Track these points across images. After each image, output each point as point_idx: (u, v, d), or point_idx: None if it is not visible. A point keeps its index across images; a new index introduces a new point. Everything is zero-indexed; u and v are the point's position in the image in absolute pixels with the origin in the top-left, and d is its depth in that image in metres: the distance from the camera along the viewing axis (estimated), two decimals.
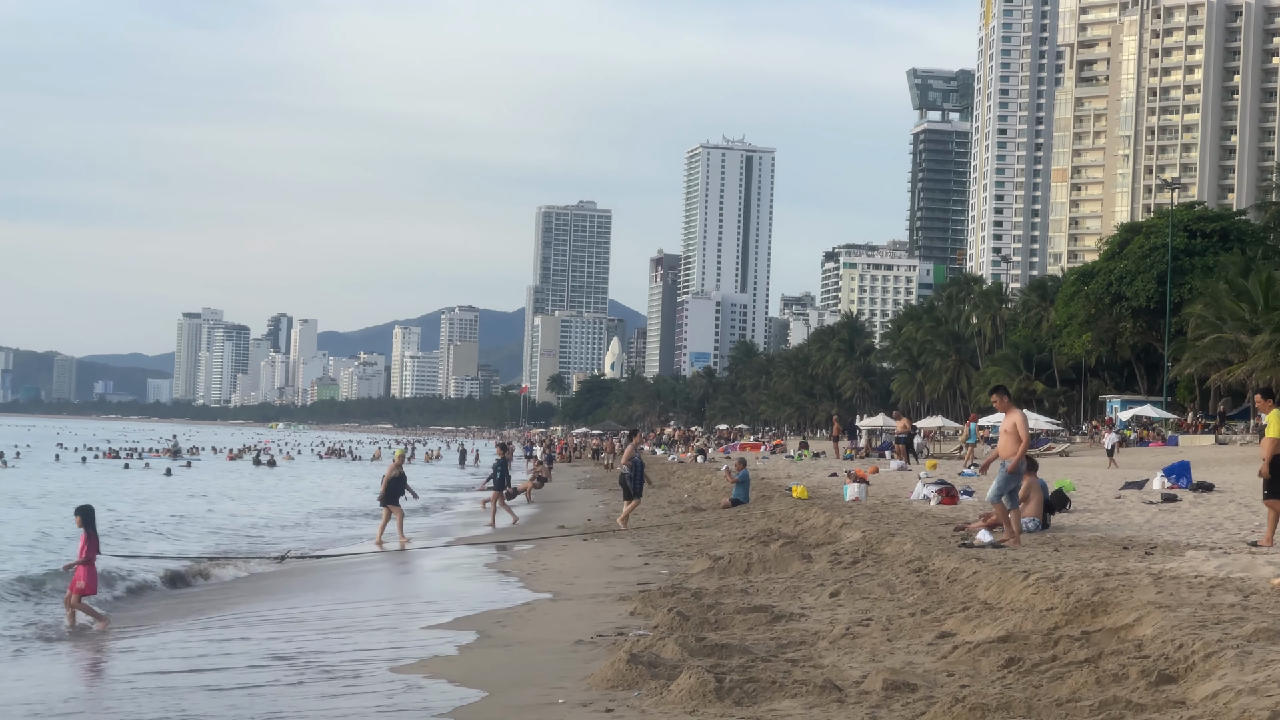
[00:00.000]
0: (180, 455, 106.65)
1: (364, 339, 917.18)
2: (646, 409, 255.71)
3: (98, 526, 21.05)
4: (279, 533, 39.17)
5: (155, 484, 67.90)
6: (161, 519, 43.42)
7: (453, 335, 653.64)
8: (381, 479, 34.13)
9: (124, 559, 27.87)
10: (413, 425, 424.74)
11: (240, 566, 29.30)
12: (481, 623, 17.29)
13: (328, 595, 23.46)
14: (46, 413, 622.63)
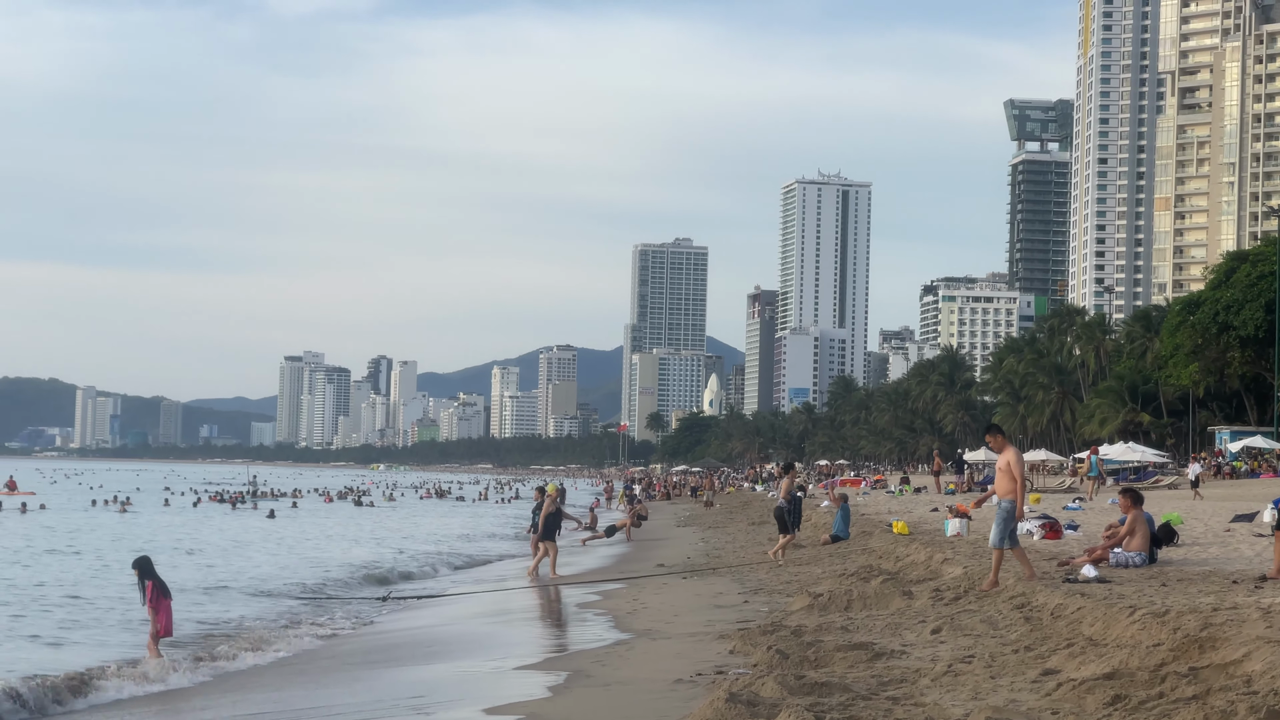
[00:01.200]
0: (255, 497, 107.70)
1: (463, 380, 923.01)
2: (746, 446, 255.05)
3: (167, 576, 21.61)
4: (381, 570, 39.39)
5: (260, 526, 68.59)
6: (268, 560, 43.91)
7: (551, 375, 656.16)
8: (539, 514, 34.14)
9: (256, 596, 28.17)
10: (513, 465, 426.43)
11: (341, 606, 29.51)
12: (580, 662, 17.24)
13: (422, 635, 23.54)
14: (154, 457, 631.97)
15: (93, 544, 52.39)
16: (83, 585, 34.03)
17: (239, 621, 26.59)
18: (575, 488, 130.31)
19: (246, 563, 43.06)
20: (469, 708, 14.31)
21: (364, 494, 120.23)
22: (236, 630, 25.04)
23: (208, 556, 45.95)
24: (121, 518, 76.07)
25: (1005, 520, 19.73)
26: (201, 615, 27.33)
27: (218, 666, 20.83)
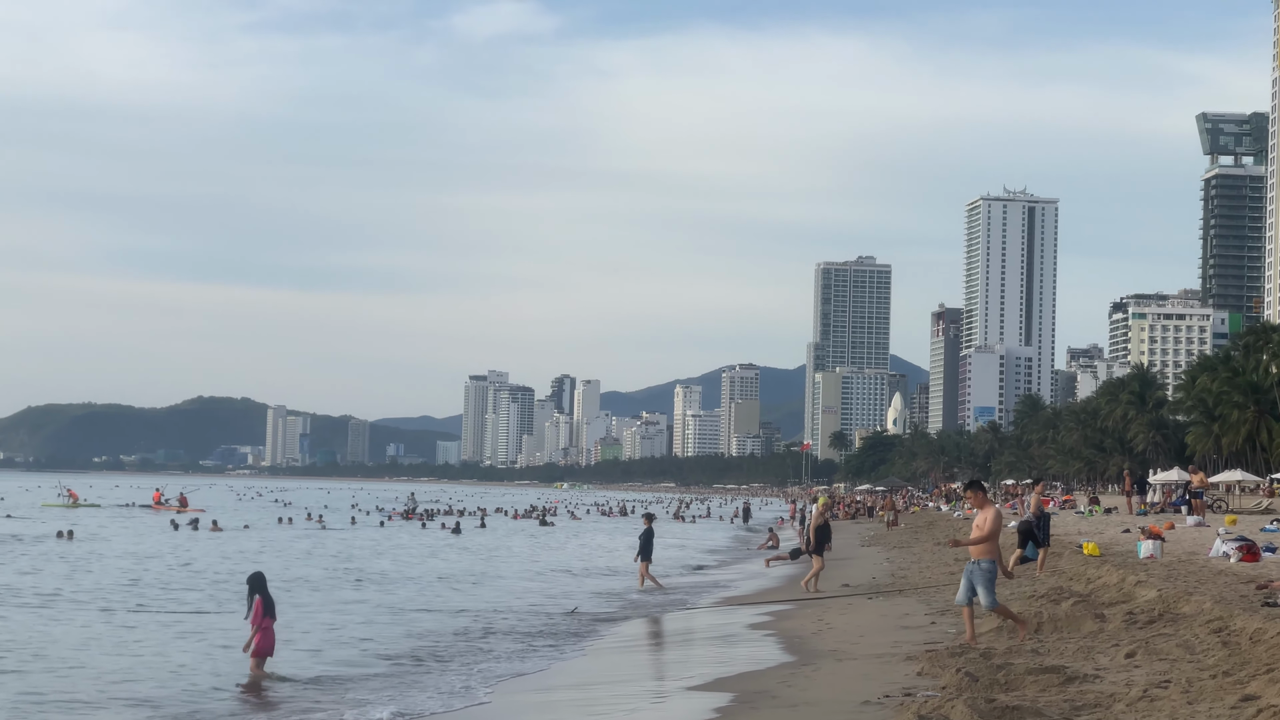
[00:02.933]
0: (418, 515, 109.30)
1: (646, 398, 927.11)
2: (930, 465, 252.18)
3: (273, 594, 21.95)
4: (567, 586, 39.73)
5: (445, 542, 69.57)
6: (460, 574, 44.60)
7: (734, 393, 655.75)
8: (808, 528, 34.39)
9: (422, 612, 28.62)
10: (695, 484, 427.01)
11: (526, 620, 29.86)
12: (765, 682, 17.22)
13: (605, 653, 23.68)
14: (342, 475, 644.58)
15: (289, 559, 53.63)
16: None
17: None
18: (762, 508, 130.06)
19: (498, 580, 43.75)
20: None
21: (550, 512, 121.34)
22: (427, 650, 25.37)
23: (438, 578, 46.68)
24: (321, 533, 77.72)
25: (988, 579, 19.10)
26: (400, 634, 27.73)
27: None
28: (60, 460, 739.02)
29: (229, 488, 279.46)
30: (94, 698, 19.96)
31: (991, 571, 19.08)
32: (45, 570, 45.45)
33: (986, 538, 19.07)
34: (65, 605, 33.54)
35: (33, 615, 31.15)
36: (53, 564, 48.55)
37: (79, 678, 21.84)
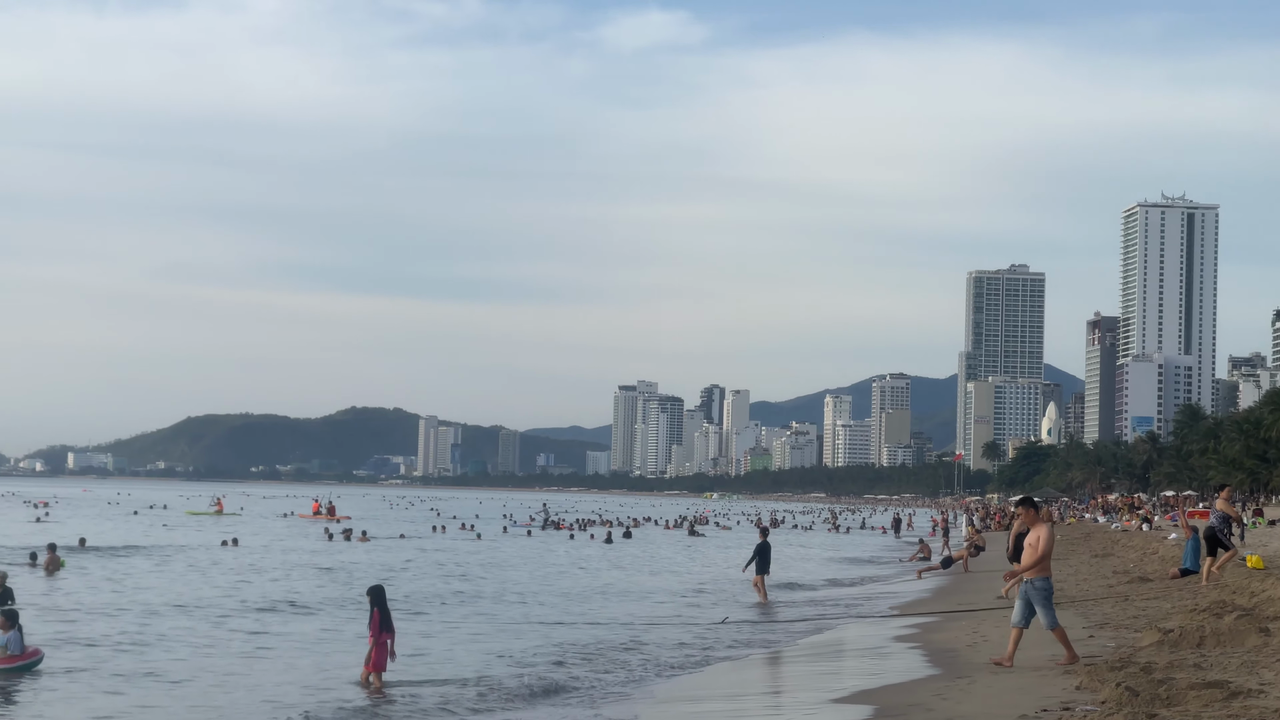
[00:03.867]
0: (548, 524, 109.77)
1: (795, 408, 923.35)
2: (1086, 475, 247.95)
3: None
4: (716, 597, 39.68)
5: (594, 552, 69.91)
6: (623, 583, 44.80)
7: (884, 403, 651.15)
8: (1009, 535, 34.14)
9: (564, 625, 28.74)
10: (846, 494, 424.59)
11: (675, 630, 29.84)
12: (920, 695, 17.01)
13: (754, 664, 23.58)
14: (492, 485, 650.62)
15: (437, 568, 54.25)
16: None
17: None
18: (911, 519, 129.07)
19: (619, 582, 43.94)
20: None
21: (700, 522, 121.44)
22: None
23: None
24: (474, 542, 78.58)
25: (1044, 597, 18.92)
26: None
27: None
28: (219, 470, 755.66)
29: (382, 497, 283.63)
30: (230, 703, 20.31)
31: (1047, 590, 19.01)
32: (209, 578, 46.46)
33: (1042, 557, 18.96)
34: (216, 611, 34.23)
35: (187, 621, 31.85)
36: (220, 572, 49.63)
37: (234, 686, 22.27)
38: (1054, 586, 19.32)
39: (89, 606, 34.85)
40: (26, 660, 22.99)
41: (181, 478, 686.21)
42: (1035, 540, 19.14)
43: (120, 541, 70.03)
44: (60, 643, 26.14)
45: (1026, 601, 19.01)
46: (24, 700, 20.33)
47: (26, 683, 21.78)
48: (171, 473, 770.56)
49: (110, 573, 47.72)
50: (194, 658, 25.04)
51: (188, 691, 21.29)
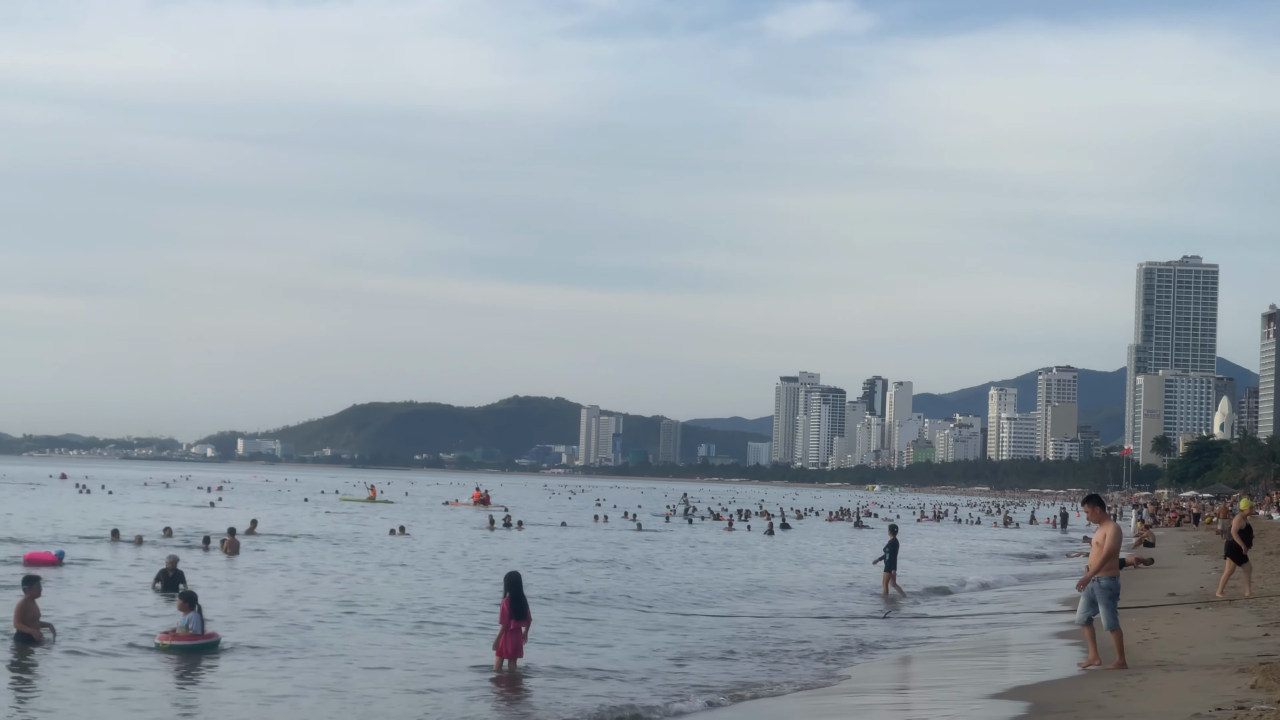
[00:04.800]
0: (689, 514, 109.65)
1: (959, 401, 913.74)
2: (1260, 472, 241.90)
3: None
4: (880, 589, 39.49)
5: (755, 542, 69.85)
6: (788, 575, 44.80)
7: (1050, 396, 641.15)
8: (1229, 531, 33.96)
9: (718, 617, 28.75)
10: (1010, 488, 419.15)
11: (839, 623, 29.75)
12: (1090, 692, 16.77)
13: (920, 658, 23.40)
14: (653, 475, 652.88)
15: (593, 556, 54.61)
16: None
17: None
18: (1076, 513, 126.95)
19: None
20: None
21: (865, 514, 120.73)
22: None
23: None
24: (633, 532, 78.94)
25: (1108, 597, 18.76)
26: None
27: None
28: (383, 457, 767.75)
29: (544, 485, 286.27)
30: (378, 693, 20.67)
31: (1112, 589, 18.82)
32: (375, 563, 47.31)
33: (1109, 555, 18.76)
34: (381, 597, 34.84)
35: (353, 606, 32.47)
36: (386, 558, 50.48)
37: (390, 670, 22.67)
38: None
39: (263, 590, 35.67)
40: (206, 640, 23.68)
41: (347, 465, 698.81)
42: (1102, 539, 19.01)
43: (291, 527, 71.56)
44: (236, 624, 26.79)
45: (1091, 599, 18.97)
46: (203, 681, 20.89)
47: (205, 663, 22.41)
48: (337, 459, 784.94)
49: (282, 557, 48.79)
50: (356, 643, 25.50)
51: (347, 675, 21.71)
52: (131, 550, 49.16)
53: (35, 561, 40.69)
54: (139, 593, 33.65)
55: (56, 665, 21.67)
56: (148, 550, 49.01)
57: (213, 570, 41.21)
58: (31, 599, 23.71)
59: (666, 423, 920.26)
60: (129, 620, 27.73)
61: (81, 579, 36.07)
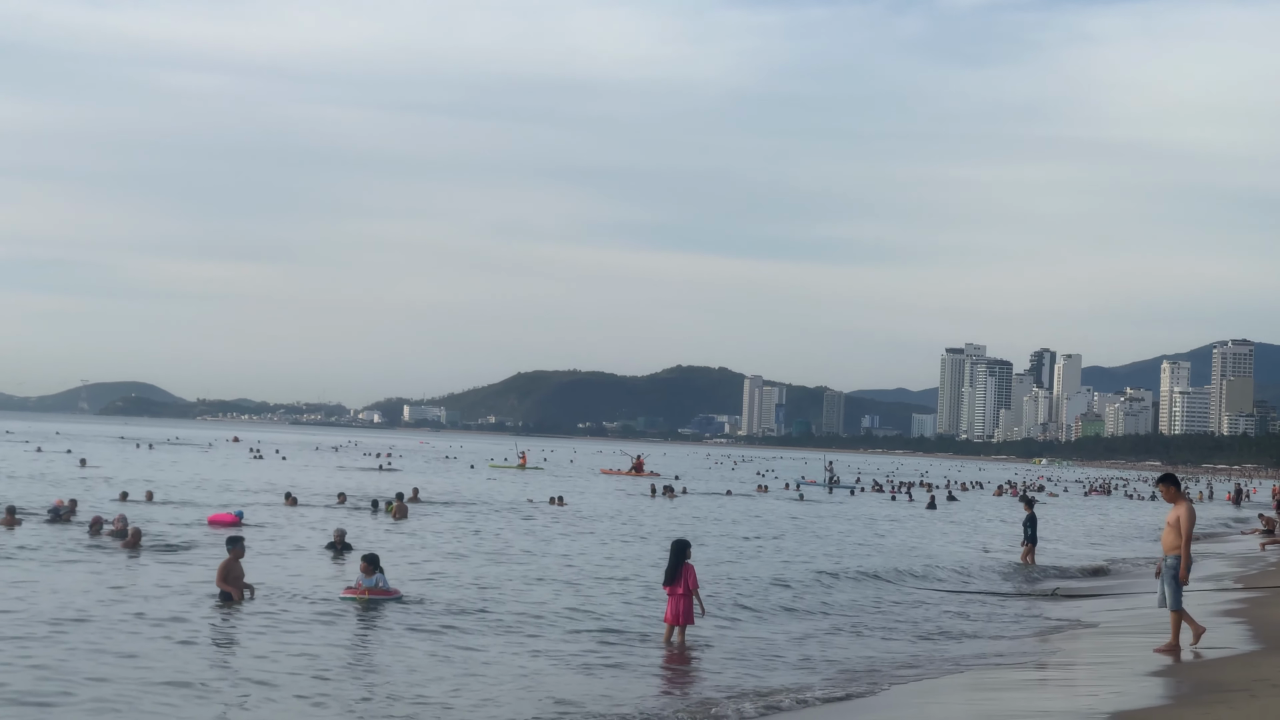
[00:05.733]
0: (833, 483, 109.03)
1: (1129, 374, 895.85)
2: None
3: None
4: (1045, 564, 39.05)
5: (917, 514, 69.37)
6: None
7: (1225, 370, 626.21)
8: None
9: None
10: (1182, 463, 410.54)
11: (1007, 600, 29.51)
12: (1266, 670, 16.44)
13: (1089, 634, 23.13)
14: (816, 446, 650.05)
15: (761, 525, 54.66)
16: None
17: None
18: (1253, 490, 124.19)
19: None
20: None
21: (1033, 489, 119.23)
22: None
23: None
24: (795, 502, 78.90)
25: (1173, 578, 18.42)
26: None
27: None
28: (547, 425, 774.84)
29: (706, 455, 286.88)
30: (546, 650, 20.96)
31: (1175, 568, 18.52)
32: (536, 531, 47.92)
33: (1181, 534, 18.43)
34: (542, 562, 35.30)
35: (514, 569, 32.94)
36: (544, 526, 51.12)
37: (549, 635, 23.01)
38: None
39: (429, 553, 36.34)
40: (387, 596, 24.67)
41: (511, 432, 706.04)
42: (1174, 519, 18.65)
43: (455, 493, 72.65)
44: (406, 586, 27.35)
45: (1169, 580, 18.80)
46: (382, 639, 21.37)
47: (384, 621, 23.03)
48: (501, 427, 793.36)
49: (450, 522, 49.60)
50: (520, 607, 25.89)
51: (513, 639, 22.07)
52: (305, 512, 50.34)
53: (217, 523, 41.93)
54: (315, 554, 34.53)
55: (251, 622, 22.41)
56: (319, 513, 50.17)
57: (381, 534, 42.02)
58: (235, 559, 24.56)
59: (830, 393, 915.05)
60: (308, 580, 28.55)
61: (258, 540, 37.01)
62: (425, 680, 18.02)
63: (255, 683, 17.22)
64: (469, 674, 18.68)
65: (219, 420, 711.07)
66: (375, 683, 17.69)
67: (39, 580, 26.89)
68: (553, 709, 16.58)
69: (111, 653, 19.05)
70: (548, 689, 17.84)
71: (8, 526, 37.88)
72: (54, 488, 59.72)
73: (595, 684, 18.41)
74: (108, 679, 17.09)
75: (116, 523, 36.36)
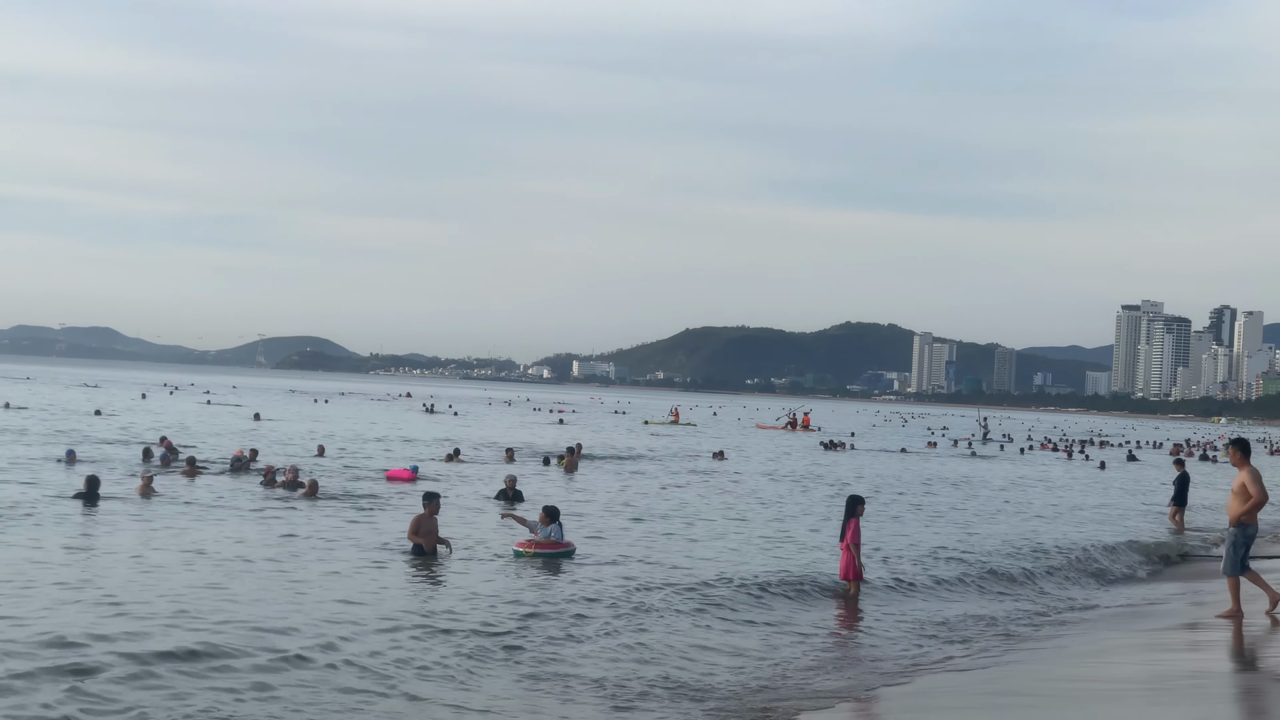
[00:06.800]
0: (986, 440, 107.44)
1: None
2: None
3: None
4: (1198, 524, 38.54)
5: (1086, 476, 68.51)
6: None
7: None
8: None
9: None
10: None
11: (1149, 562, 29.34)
12: None
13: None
14: (987, 403, 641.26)
15: (918, 482, 54.53)
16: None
17: None
18: None
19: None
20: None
21: (1209, 447, 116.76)
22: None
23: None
24: (970, 459, 78.37)
25: (1235, 544, 18.12)
26: None
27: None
28: (715, 381, 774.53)
29: (876, 412, 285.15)
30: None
31: (1237, 534, 18.24)
32: (699, 485, 48.36)
33: (1247, 499, 18.14)
34: (714, 513, 35.74)
35: (685, 525, 33.43)
36: (706, 480, 51.53)
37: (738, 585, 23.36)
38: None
39: (598, 505, 36.99)
40: (563, 549, 25.28)
41: (679, 388, 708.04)
42: (1240, 486, 18.36)
43: (622, 447, 73.43)
44: (582, 537, 27.91)
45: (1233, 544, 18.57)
46: (562, 587, 21.95)
47: (564, 569, 23.83)
48: (669, 383, 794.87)
49: (617, 476, 50.29)
50: (691, 560, 26.33)
51: (683, 592, 22.46)
52: (474, 468, 51.26)
53: (395, 479, 42.98)
54: (486, 505, 35.37)
55: (435, 574, 23.10)
56: (489, 468, 51.11)
57: (552, 487, 42.75)
58: (430, 514, 25.18)
59: (1001, 350, 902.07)
60: (482, 532, 29.36)
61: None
62: (609, 641, 18.28)
63: (441, 631, 17.70)
64: (641, 629, 18.93)
65: (391, 375, 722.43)
66: (556, 636, 17.82)
67: (227, 525, 28.00)
68: (715, 669, 16.95)
69: (310, 595, 19.95)
70: (719, 644, 18.27)
71: (189, 477, 39.27)
72: (223, 439, 61.50)
73: (754, 642, 18.76)
74: (330, 619, 17.86)
75: (288, 474, 37.49)
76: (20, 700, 12.86)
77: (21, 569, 21.01)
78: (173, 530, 27.00)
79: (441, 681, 14.99)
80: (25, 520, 27.35)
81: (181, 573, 21.45)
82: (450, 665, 15.78)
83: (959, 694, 14.75)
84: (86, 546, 24.30)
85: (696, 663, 17.04)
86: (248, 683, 14.12)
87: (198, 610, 17.87)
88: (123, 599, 18.62)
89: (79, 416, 79.30)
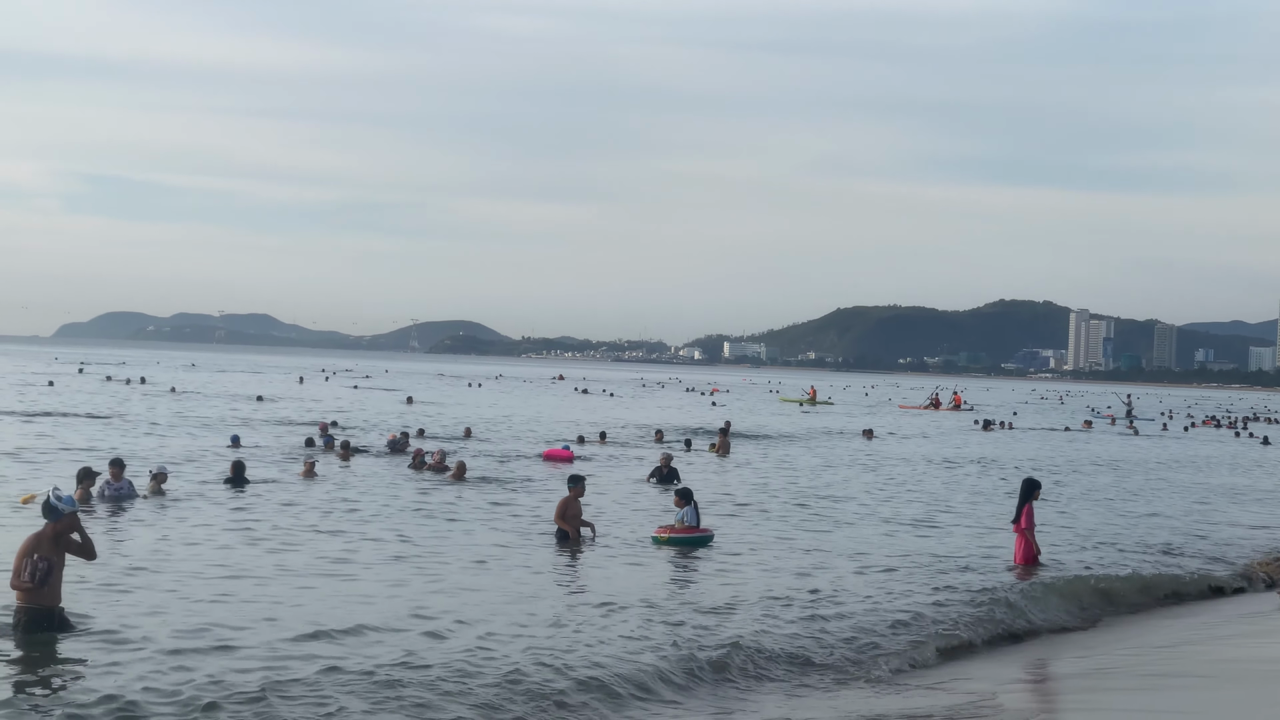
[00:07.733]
0: (1130, 417, 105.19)
1: None
2: None
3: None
4: None
5: (1247, 453, 66.86)
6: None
7: None
8: None
9: None
10: None
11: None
12: None
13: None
14: (1147, 380, 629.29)
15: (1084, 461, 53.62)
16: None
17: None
18: None
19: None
20: None
21: None
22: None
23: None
24: (1134, 438, 76.84)
25: None
26: None
27: None
28: (867, 360, 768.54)
29: (1031, 390, 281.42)
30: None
31: None
32: (850, 465, 48.08)
33: None
34: (858, 496, 35.47)
35: (841, 506, 33.22)
36: (856, 460, 51.18)
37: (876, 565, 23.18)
38: None
39: (753, 489, 36.85)
40: (700, 535, 24.86)
41: (830, 368, 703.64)
42: None
43: (772, 428, 73.22)
44: (715, 522, 27.76)
45: None
46: (692, 578, 21.92)
47: (696, 556, 23.63)
48: (821, 363, 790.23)
49: (768, 456, 50.16)
50: (838, 540, 26.17)
51: (839, 575, 22.33)
52: (625, 449, 51.39)
53: (553, 458, 43.29)
54: (638, 487, 35.48)
55: (581, 559, 23.16)
56: (639, 450, 51.22)
57: (703, 469, 42.75)
58: (574, 497, 25.12)
59: (1161, 327, 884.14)
60: (630, 514, 29.42)
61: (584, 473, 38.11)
62: (770, 618, 18.18)
63: (589, 614, 17.74)
64: (815, 614, 18.64)
65: (543, 358, 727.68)
66: (708, 625, 17.41)
67: (390, 506, 28.49)
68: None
69: (455, 575, 20.20)
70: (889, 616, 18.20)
71: (343, 459, 39.94)
72: (384, 418, 62.49)
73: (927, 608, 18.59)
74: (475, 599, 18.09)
75: (435, 456, 37.92)
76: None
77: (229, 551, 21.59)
78: (332, 515, 27.51)
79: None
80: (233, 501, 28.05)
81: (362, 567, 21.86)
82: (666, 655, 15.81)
83: (1129, 675, 14.60)
84: (280, 548, 24.86)
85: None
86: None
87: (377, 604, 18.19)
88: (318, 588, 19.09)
89: (241, 400, 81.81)
